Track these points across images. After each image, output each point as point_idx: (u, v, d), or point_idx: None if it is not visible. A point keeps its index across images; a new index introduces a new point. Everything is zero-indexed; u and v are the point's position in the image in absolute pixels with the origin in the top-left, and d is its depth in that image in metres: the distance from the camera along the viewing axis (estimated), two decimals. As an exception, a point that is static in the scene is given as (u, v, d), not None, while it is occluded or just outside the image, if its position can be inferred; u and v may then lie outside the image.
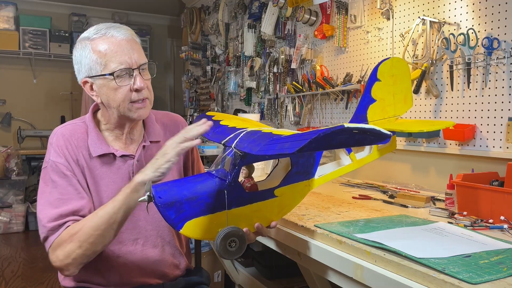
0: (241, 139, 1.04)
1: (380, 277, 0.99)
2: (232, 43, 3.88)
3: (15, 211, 4.47)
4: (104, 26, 1.28)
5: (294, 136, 0.87)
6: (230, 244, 1.03)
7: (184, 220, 1.04)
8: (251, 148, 0.96)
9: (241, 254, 1.06)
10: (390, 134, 0.83)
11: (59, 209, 1.20)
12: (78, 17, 5.43)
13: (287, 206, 1.16)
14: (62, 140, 1.29)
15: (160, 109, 1.57)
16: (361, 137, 0.83)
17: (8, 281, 3.22)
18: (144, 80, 1.26)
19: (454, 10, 1.86)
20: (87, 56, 1.26)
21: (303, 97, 2.81)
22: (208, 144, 3.63)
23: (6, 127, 5.18)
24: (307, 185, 1.17)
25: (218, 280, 2.74)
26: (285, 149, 0.82)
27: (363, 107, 1.25)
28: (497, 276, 0.88)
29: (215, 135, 1.20)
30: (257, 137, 0.99)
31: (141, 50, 1.30)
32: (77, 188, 1.25)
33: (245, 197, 1.08)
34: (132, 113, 1.28)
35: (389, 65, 1.25)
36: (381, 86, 1.24)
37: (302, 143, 0.77)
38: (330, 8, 2.58)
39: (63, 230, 1.18)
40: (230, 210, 1.06)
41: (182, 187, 1.06)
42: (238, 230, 1.04)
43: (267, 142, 0.92)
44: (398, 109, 1.28)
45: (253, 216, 1.10)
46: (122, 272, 1.31)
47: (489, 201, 1.33)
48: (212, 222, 1.06)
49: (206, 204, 1.05)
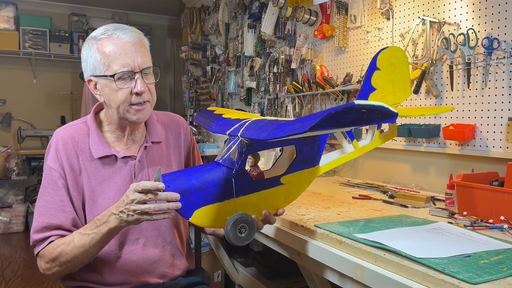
0: (247, 128, 1.04)
1: (380, 277, 0.99)
2: (232, 43, 3.88)
3: (15, 211, 4.47)
4: (112, 27, 1.28)
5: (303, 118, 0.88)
6: (240, 230, 1.05)
7: (193, 209, 1.05)
8: (258, 134, 0.96)
9: (250, 240, 1.07)
10: (397, 112, 0.84)
11: (43, 220, 1.25)
12: (78, 17, 5.43)
13: (293, 193, 1.17)
14: (61, 144, 1.30)
15: (160, 109, 1.57)
16: (369, 116, 0.84)
17: (8, 281, 3.23)
18: (145, 84, 1.26)
19: (454, 10, 1.86)
20: (92, 56, 1.27)
21: (303, 97, 2.82)
22: (208, 144, 3.63)
23: (6, 127, 5.18)
24: (312, 173, 1.18)
25: (218, 280, 2.74)
26: (296, 129, 0.82)
27: (364, 96, 1.25)
28: (497, 276, 0.88)
29: (218, 127, 1.20)
30: (264, 124, 1.00)
31: (147, 54, 1.30)
32: (62, 199, 1.27)
33: (252, 185, 1.09)
34: (131, 115, 1.28)
35: (388, 54, 1.26)
36: (380, 75, 1.25)
37: (313, 121, 0.78)
38: (330, 8, 2.58)
39: (46, 245, 1.24)
40: (238, 198, 1.08)
41: (190, 176, 1.07)
42: (247, 216, 1.05)
43: (274, 127, 0.93)
44: (397, 97, 1.30)
45: (260, 203, 1.12)
46: (122, 272, 1.31)
47: (489, 201, 1.33)
48: (220, 210, 1.07)
49: (214, 192, 1.06)
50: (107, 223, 1.14)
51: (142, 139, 1.39)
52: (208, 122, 1.30)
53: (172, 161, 1.43)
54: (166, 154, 1.42)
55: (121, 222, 1.11)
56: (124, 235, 1.31)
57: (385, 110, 0.83)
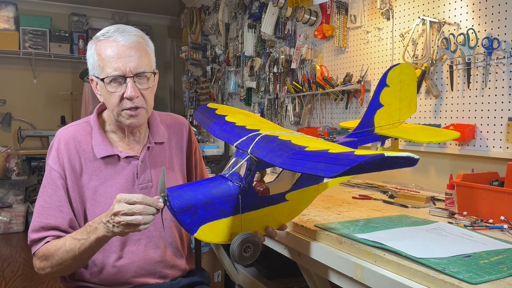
0: (258, 145, 1.03)
1: (380, 277, 0.99)
2: (232, 43, 3.88)
3: (15, 211, 4.47)
4: (114, 28, 1.27)
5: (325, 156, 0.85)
6: (245, 250, 1.04)
7: (198, 224, 1.04)
8: (271, 158, 0.94)
9: (254, 260, 1.06)
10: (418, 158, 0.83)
11: (41, 220, 1.25)
12: (78, 17, 5.43)
13: (296, 209, 1.17)
14: (62, 144, 1.30)
15: (160, 109, 1.57)
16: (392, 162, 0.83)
17: (8, 281, 3.23)
18: (137, 89, 1.24)
19: (454, 10, 1.86)
20: (92, 56, 1.28)
21: (303, 97, 2.82)
22: (208, 144, 3.63)
23: (6, 127, 5.18)
24: (317, 189, 1.18)
25: (218, 280, 2.74)
26: (319, 170, 0.80)
27: (371, 112, 1.26)
28: (497, 276, 0.88)
29: (223, 133, 1.19)
30: (276, 146, 0.98)
31: (145, 58, 1.27)
32: (61, 200, 1.27)
33: (257, 201, 1.09)
34: (124, 119, 1.27)
35: (398, 71, 1.26)
36: (389, 92, 1.26)
37: (341, 169, 0.76)
38: (330, 8, 2.58)
39: (42, 245, 1.24)
40: (243, 214, 1.07)
41: (197, 191, 1.06)
42: (254, 237, 1.04)
43: (290, 155, 0.91)
44: (403, 114, 1.31)
45: (265, 219, 1.11)
46: (123, 272, 1.31)
47: (489, 201, 1.33)
48: (225, 226, 1.07)
49: (220, 208, 1.05)
50: (96, 231, 1.12)
51: (145, 139, 1.39)
52: (210, 122, 1.28)
53: (174, 162, 1.43)
54: (168, 155, 1.42)
55: (107, 232, 1.10)
56: (126, 235, 1.31)
57: (409, 159, 0.82)
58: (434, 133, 1.50)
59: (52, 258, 1.21)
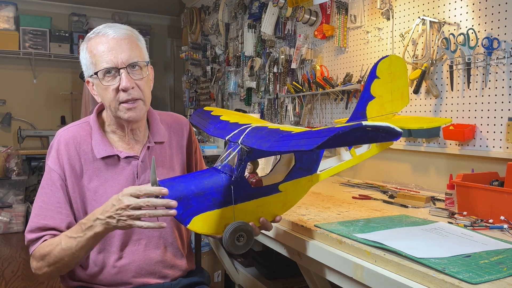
0: (248, 135, 1.04)
1: (380, 277, 0.99)
2: (232, 43, 3.88)
3: (15, 211, 4.47)
4: (103, 25, 1.28)
5: (307, 133, 0.87)
6: (238, 238, 1.05)
7: (191, 216, 1.05)
8: (260, 144, 0.96)
9: (248, 249, 1.07)
10: (401, 131, 0.84)
11: (38, 221, 1.25)
12: (78, 17, 5.43)
13: (291, 200, 1.18)
14: (62, 145, 1.30)
15: (160, 109, 1.57)
16: (373, 134, 0.84)
17: (8, 281, 3.23)
18: (132, 79, 1.24)
19: (454, 10, 1.86)
20: (84, 57, 1.28)
21: (303, 97, 2.81)
22: (208, 144, 3.63)
23: (6, 127, 5.18)
24: (310, 180, 1.18)
25: (218, 280, 2.74)
26: (301, 145, 0.82)
27: (363, 104, 1.26)
28: (497, 276, 0.88)
29: (217, 131, 1.20)
30: (265, 133, 1.00)
31: (136, 49, 1.26)
32: (60, 201, 1.27)
33: (250, 192, 1.09)
34: (122, 113, 1.26)
35: (388, 63, 1.26)
36: (380, 84, 1.26)
37: (320, 140, 0.78)
38: (330, 8, 2.58)
39: (39, 244, 1.24)
40: (236, 205, 1.08)
41: (189, 182, 1.07)
42: (246, 225, 1.05)
43: (277, 138, 0.93)
44: (395, 105, 1.31)
45: (258, 210, 1.12)
46: (123, 272, 1.31)
47: (489, 201, 1.33)
48: (218, 217, 1.07)
49: (213, 199, 1.06)
50: (93, 228, 1.12)
51: (145, 139, 1.38)
52: (205, 123, 1.29)
53: (175, 162, 1.43)
54: (169, 155, 1.42)
55: (107, 227, 1.10)
56: (126, 235, 1.31)
57: (390, 129, 0.83)
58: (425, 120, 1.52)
59: (49, 257, 1.21)
